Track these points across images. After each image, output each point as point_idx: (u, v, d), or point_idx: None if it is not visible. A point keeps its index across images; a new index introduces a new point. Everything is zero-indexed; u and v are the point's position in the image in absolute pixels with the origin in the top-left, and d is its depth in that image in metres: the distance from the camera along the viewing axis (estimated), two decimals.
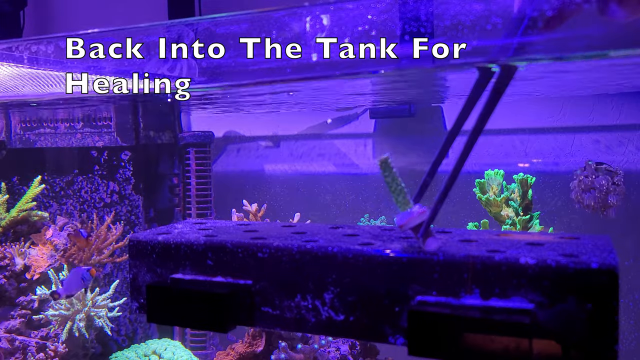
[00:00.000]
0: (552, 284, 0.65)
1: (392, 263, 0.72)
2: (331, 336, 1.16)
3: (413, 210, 0.72)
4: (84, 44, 1.09)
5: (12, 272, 1.79)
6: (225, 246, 0.80)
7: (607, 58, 0.83)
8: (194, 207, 2.10)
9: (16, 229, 1.91)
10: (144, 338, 1.98)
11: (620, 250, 0.71)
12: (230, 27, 0.96)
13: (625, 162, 1.90)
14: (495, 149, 2.06)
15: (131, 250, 0.87)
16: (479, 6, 0.76)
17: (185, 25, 1.02)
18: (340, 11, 0.88)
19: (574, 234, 0.79)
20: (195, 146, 2.11)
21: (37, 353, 1.69)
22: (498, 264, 0.67)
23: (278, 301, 0.78)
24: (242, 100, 1.64)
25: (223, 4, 2.25)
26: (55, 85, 1.31)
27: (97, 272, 1.79)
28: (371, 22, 0.85)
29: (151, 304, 0.82)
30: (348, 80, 1.15)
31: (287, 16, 0.92)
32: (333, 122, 2.34)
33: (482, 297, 0.67)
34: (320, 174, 2.34)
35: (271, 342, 1.72)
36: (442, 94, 1.67)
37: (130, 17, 2.53)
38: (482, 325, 0.64)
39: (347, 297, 0.74)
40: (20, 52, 1.19)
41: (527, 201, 1.58)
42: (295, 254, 0.76)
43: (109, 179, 2.02)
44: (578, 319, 0.64)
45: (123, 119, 1.98)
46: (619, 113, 1.92)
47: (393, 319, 0.72)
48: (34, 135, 2.10)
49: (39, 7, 2.76)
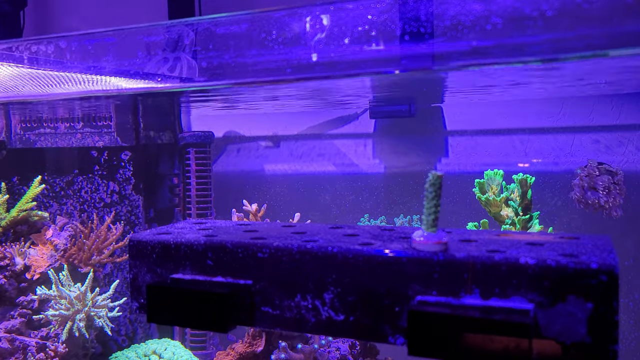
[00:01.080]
0: (552, 284, 0.65)
1: (392, 263, 0.72)
2: (331, 336, 1.16)
3: (434, 235, 0.71)
4: (84, 44, 1.09)
5: (12, 272, 1.79)
6: (225, 246, 0.80)
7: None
8: (194, 207, 2.10)
9: (16, 229, 1.91)
10: (144, 338, 1.98)
11: (620, 250, 0.71)
12: (231, 27, 0.96)
13: (625, 162, 1.90)
14: (494, 148, 2.06)
15: (131, 250, 0.87)
16: (479, 6, 0.76)
17: (186, 25, 1.02)
18: (340, 11, 0.88)
19: (574, 234, 0.79)
20: (195, 146, 2.11)
21: (37, 353, 1.69)
22: (498, 264, 0.67)
23: (278, 301, 0.78)
24: (242, 98, 1.64)
25: (223, 4, 2.25)
26: (55, 85, 1.31)
27: (97, 272, 1.80)
28: (371, 22, 0.85)
29: (151, 304, 0.82)
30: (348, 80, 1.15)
31: (287, 16, 0.92)
32: (333, 122, 2.34)
33: (482, 297, 0.67)
34: (320, 174, 2.34)
35: (271, 342, 1.72)
36: (442, 94, 1.67)
37: (130, 17, 2.53)
38: (482, 325, 0.64)
39: (347, 297, 0.74)
40: (21, 52, 1.19)
41: (526, 201, 1.58)
42: (295, 254, 0.76)
43: (109, 179, 2.02)
44: (578, 318, 0.64)
45: (123, 119, 1.98)
46: (619, 113, 1.92)
47: (393, 318, 0.72)
48: (34, 135, 2.10)
49: (39, 7, 2.76)
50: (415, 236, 0.72)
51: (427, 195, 0.72)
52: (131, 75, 1.16)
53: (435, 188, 0.71)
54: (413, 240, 0.72)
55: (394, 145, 2.23)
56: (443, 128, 2.12)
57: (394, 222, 2.04)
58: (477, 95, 1.73)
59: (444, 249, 0.71)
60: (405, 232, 0.84)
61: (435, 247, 0.71)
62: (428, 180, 0.71)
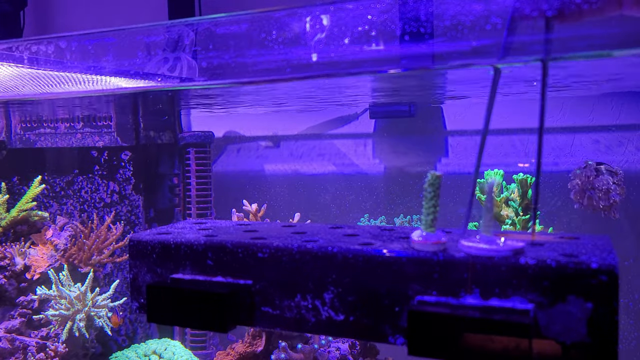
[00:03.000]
0: (552, 284, 0.65)
1: (392, 263, 0.72)
2: (331, 336, 1.16)
3: (432, 235, 0.71)
4: (84, 44, 1.09)
5: (13, 272, 1.79)
6: (225, 246, 0.80)
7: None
8: (194, 207, 2.10)
9: (16, 229, 1.91)
10: (144, 338, 1.98)
11: (620, 250, 0.71)
12: (231, 27, 0.96)
13: (625, 162, 1.90)
14: (494, 148, 2.06)
15: (131, 250, 0.87)
16: (479, 6, 0.76)
17: (186, 25, 1.02)
18: (340, 11, 0.88)
19: (574, 234, 0.79)
20: (195, 146, 2.11)
21: (37, 353, 1.69)
22: (498, 264, 0.67)
23: (278, 301, 0.78)
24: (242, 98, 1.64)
25: (223, 4, 2.25)
26: (55, 86, 1.31)
27: (97, 272, 1.80)
28: (371, 22, 0.85)
29: (151, 304, 0.82)
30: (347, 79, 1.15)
31: (287, 16, 0.92)
32: (333, 122, 2.34)
33: (482, 297, 0.67)
34: (320, 174, 2.34)
35: (271, 342, 1.72)
36: (442, 93, 1.67)
37: (130, 17, 2.53)
38: (482, 325, 0.64)
39: (347, 297, 0.74)
40: (21, 52, 1.19)
41: (526, 201, 1.58)
42: (295, 254, 0.76)
43: (109, 179, 2.02)
44: (578, 319, 0.64)
45: (123, 119, 1.98)
46: (619, 113, 1.92)
47: (393, 318, 0.72)
48: (34, 135, 2.10)
49: (39, 7, 2.76)
50: (414, 236, 0.72)
51: (426, 196, 0.72)
52: (131, 75, 1.16)
53: (434, 188, 0.71)
54: (412, 241, 0.72)
55: (394, 145, 2.23)
56: (443, 128, 2.12)
57: (394, 222, 2.04)
58: (478, 95, 1.73)
59: (443, 249, 0.71)
60: (405, 232, 0.83)
61: (434, 247, 0.71)
62: (427, 180, 0.71)
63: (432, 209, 0.71)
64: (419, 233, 0.72)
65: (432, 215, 0.72)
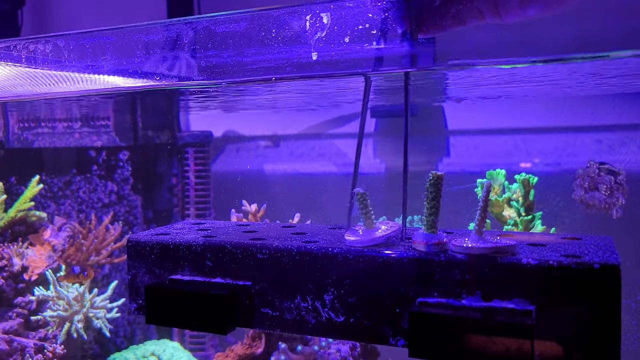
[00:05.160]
0: (554, 285, 0.64)
1: (393, 264, 0.71)
2: (331, 338, 1.15)
3: (434, 235, 0.71)
4: (82, 43, 1.08)
5: (10, 273, 1.78)
6: (225, 247, 0.80)
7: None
8: (193, 207, 2.09)
9: (14, 229, 1.90)
10: (143, 339, 1.97)
11: (622, 251, 0.70)
12: (230, 25, 0.95)
13: (628, 162, 1.90)
14: (497, 148, 2.06)
15: (130, 250, 0.86)
16: None
17: (185, 24, 1.01)
18: (340, 10, 0.87)
19: (576, 235, 0.79)
20: (194, 146, 2.10)
21: (35, 354, 1.68)
22: (500, 265, 0.66)
23: (278, 302, 0.77)
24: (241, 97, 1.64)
25: (222, 3, 2.24)
26: (53, 85, 1.30)
27: (95, 272, 1.79)
28: (372, 20, 0.84)
29: (150, 305, 0.82)
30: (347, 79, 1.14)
31: (287, 15, 0.91)
32: (333, 122, 2.33)
33: (483, 298, 0.67)
34: (320, 174, 2.33)
35: (271, 344, 1.71)
36: (442, 93, 1.66)
37: (129, 15, 2.53)
38: (483, 326, 0.64)
39: (348, 299, 0.73)
40: (18, 51, 1.19)
41: (529, 201, 1.58)
42: (295, 254, 0.76)
43: (107, 179, 2.01)
44: (580, 319, 0.63)
45: (121, 119, 1.97)
46: (622, 113, 1.91)
47: (394, 320, 0.71)
48: (32, 135, 2.09)
49: (37, 6, 2.75)
50: (416, 237, 0.71)
51: (428, 196, 0.71)
52: (129, 74, 1.15)
53: (436, 188, 0.71)
54: (413, 241, 0.72)
55: (394, 145, 2.23)
56: (444, 128, 2.11)
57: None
58: (477, 95, 1.73)
59: (444, 250, 0.70)
60: (406, 233, 0.83)
61: (435, 248, 0.70)
62: (428, 180, 0.71)
63: (433, 209, 0.71)
64: (421, 234, 0.71)
65: (433, 215, 0.71)
